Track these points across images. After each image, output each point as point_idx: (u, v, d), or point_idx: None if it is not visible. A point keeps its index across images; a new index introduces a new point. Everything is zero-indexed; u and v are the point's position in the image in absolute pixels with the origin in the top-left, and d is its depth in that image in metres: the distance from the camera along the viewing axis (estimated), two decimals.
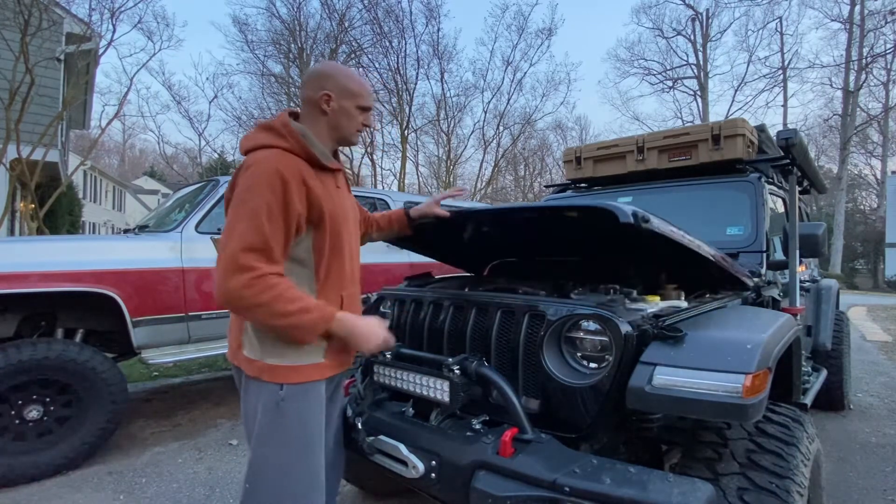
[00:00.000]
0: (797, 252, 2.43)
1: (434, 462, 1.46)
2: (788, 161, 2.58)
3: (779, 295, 2.47)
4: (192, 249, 3.34)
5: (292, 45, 18.64)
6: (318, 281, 1.31)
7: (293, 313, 1.16)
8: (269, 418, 1.25)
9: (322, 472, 1.32)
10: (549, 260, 2.77)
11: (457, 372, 1.53)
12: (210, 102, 19.38)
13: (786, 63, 25.29)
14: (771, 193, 2.78)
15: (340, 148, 1.46)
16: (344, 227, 1.36)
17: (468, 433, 1.50)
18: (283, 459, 1.26)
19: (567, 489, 1.19)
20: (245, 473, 1.31)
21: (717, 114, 28.68)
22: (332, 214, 1.30)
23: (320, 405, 1.32)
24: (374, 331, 1.30)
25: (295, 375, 1.26)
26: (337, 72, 1.36)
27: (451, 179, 20.85)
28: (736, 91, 26.89)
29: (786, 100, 26.05)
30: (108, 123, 14.75)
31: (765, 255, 2.44)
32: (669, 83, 27.00)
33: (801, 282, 2.63)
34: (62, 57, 10.13)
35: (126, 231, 4.29)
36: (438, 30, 19.77)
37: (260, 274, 1.14)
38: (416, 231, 1.94)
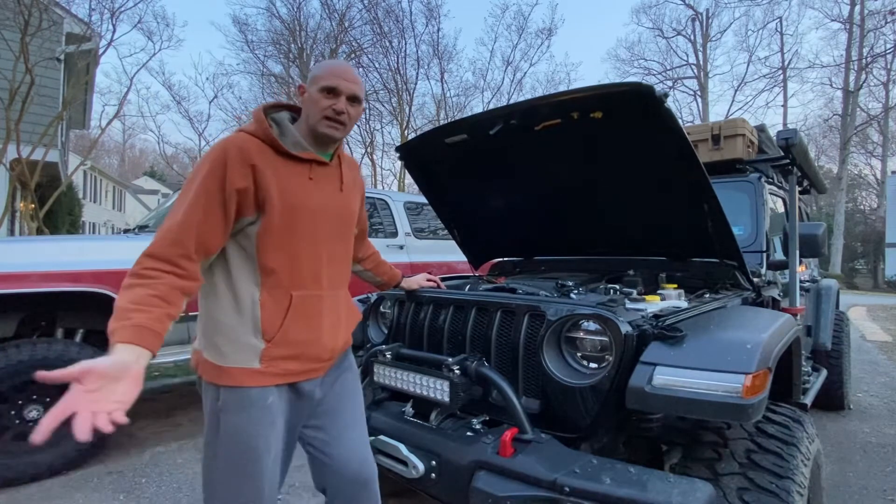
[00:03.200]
0: (797, 252, 2.43)
1: (434, 462, 1.46)
2: (788, 161, 2.58)
3: (779, 295, 2.46)
4: None
5: (292, 45, 18.65)
6: (263, 273, 1.19)
7: (120, 308, 1.02)
8: (210, 429, 1.22)
9: (264, 495, 1.24)
10: (548, 260, 2.76)
11: (457, 372, 1.54)
12: (210, 102, 19.51)
13: (786, 63, 25.29)
14: (771, 193, 2.78)
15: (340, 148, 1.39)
16: (310, 222, 1.24)
17: (468, 433, 1.50)
18: (224, 477, 1.22)
19: (567, 489, 1.20)
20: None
21: (717, 114, 28.71)
22: (289, 204, 1.19)
23: (261, 421, 1.18)
24: (116, 384, 0.93)
25: (227, 378, 1.16)
26: (316, 65, 1.31)
27: None
28: (736, 91, 26.89)
29: (786, 100, 26.06)
30: (108, 123, 14.82)
31: (765, 255, 2.44)
32: (669, 83, 26.96)
33: (801, 282, 2.63)
34: (62, 57, 10.13)
35: (126, 231, 4.28)
36: (438, 30, 19.72)
37: (151, 256, 1.07)
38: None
